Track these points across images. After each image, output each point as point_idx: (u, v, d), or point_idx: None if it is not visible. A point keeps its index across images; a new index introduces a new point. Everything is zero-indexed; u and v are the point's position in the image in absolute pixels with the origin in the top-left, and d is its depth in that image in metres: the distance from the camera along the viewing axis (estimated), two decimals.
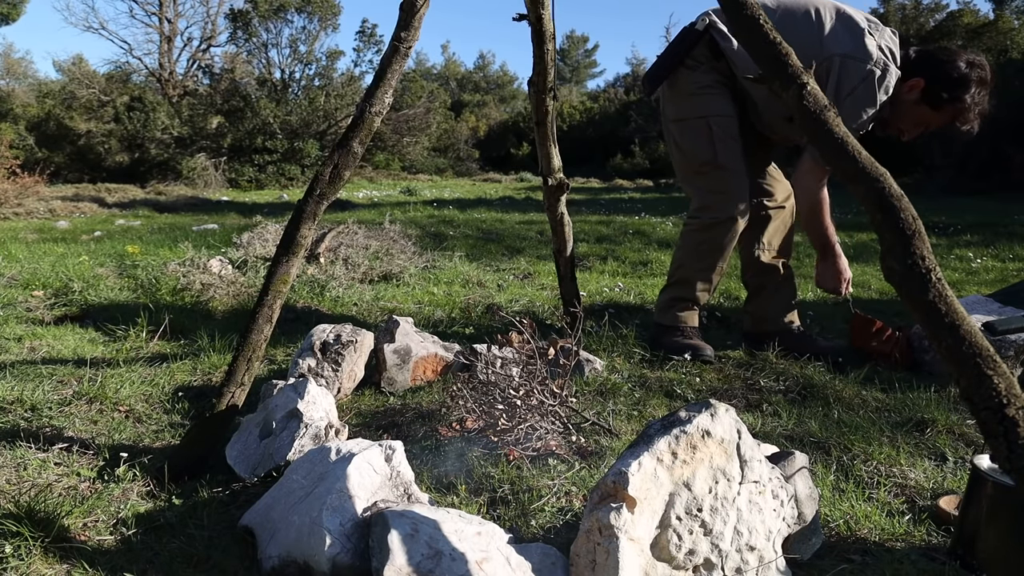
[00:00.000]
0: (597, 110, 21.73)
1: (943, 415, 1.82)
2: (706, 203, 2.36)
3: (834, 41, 2.15)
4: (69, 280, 3.33)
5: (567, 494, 1.44)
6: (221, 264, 3.65)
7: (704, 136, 2.33)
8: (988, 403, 0.90)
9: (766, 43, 1.17)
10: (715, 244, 2.35)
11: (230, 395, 1.52)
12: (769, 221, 2.47)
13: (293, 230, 1.56)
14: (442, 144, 21.24)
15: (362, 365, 2.09)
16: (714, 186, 2.34)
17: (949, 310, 0.94)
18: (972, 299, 2.55)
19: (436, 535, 1.08)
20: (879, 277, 3.77)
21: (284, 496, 1.26)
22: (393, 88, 1.60)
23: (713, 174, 2.33)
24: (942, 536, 1.30)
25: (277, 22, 16.79)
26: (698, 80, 2.35)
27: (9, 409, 1.82)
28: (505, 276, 3.98)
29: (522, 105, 27.93)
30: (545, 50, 2.13)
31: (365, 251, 4.07)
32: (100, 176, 15.48)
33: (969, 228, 5.98)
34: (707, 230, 2.35)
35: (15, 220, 7.62)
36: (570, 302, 2.56)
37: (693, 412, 1.09)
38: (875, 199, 1.03)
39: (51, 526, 1.22)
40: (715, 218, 2.33)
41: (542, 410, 1.67)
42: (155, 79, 21.22)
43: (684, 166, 2.45)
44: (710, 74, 2.35)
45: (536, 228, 6.23)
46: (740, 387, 2.12)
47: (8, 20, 15.31)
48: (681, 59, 2.36)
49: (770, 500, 1.13)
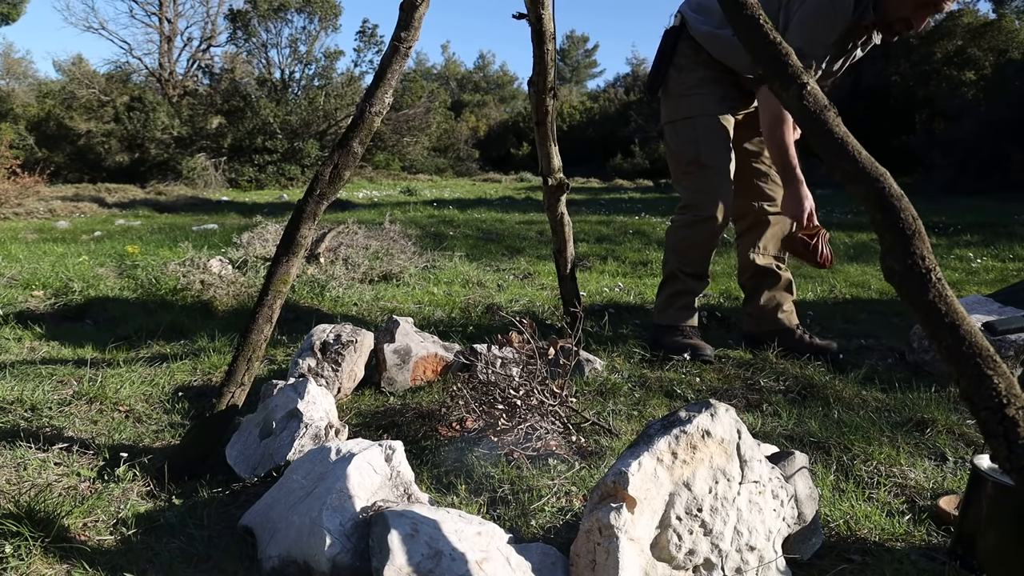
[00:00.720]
0: (597, 110, 21.73)
1: (943, 415, 1.82)
2: (691, 202, 2.40)
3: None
4: (69, 280, 3.33)
5: (567, 494, 1.44)
6: (221, 264, 3.65)
7: (689, 136, 2.38)
8: (988, 403, 0.90)
9: (766, 43, 1.17)
10: (697, 241, 2.39)
11: (230, 395, 1.52)
12: (768, 226, 2.48)
13: (293, 230, 1.56)
14: (442, 144, 21.24)
15: (362, 365, 2.09)
16: (699, 185, 2.37)
17: (949, 310, 0.94)
18: (972, 299, 2.55)
19: (436, 535, 1.08)
20: (879, 277, 3.77)
21: (284, 496, 1.26)
22: (393, 88, 1.60)
23: (698, 174, 2.37)
24: (942, 536, 1.30)
25: (277, 22, 16.79)
26: (685, 80, 2.39)
27: (9, 409, 1.82)
28: (505, 276, 3.98)
29: (522, 105, 27.93)
30: (545, 50, 2.13)
31: (365, 251, 4.07)
32: (100, 176, 15.48)
33: (969, 228, 5.98)
34: (689, 227, 2.40)
35: (15, 220, 7.62)
36: (570, 302, 2.55)
37: (693, 412, 1.09)
38: (875, 199, 1.03)
39: (51, 526, 1.22)
40: (696, 216, 2.37)
41: (542, 410, 1.67)
42: (155, 79, 21.22)
43: (673, 166, 2.50)
44: (696, 71, 2.37)
45: (536, 228, 6.23)
46: (740, 387, 2.12)
47: (8, 20, 15.30)
48: (669, 60, 2.41)
49: (770, 500, 1.13)
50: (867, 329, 2.81)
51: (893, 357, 2.45)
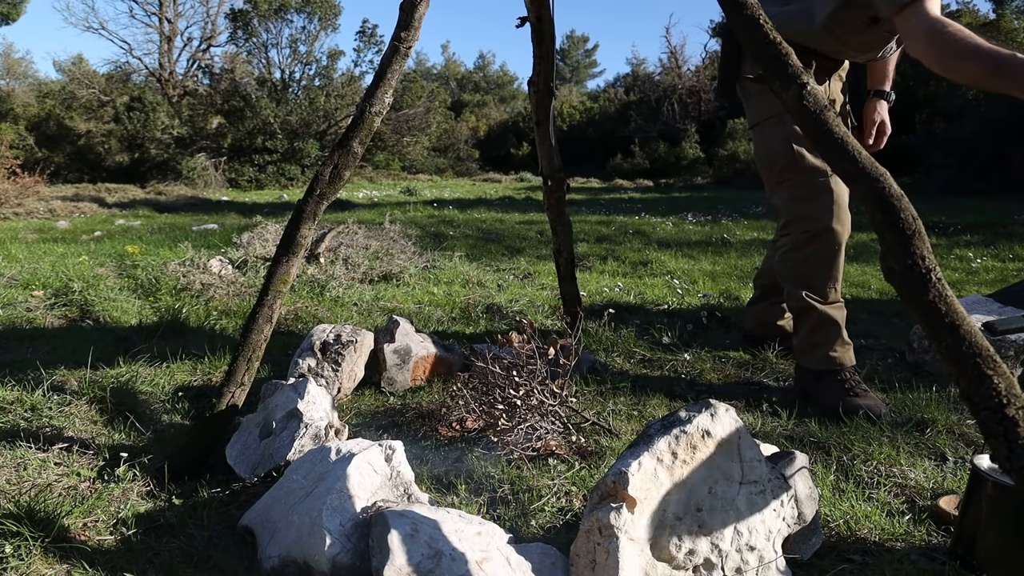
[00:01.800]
0: (597, 110, 21.71)
1: (943, 415, 1.82)
2: (794, 216, 2.02)
3: None
4: (69, 280, 3.33)
5: (567, 494, 1.44)
6: (221, 264, 3.65)
7: (779, 136, 2.00)
8: (988, 403, 0.90)
9: (766, 43, 1.17)
10: (817, 262, 1.97)
11: (230, 395, 1.52)
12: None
13: (293, 230, 1.56)
14: (442, 144, 21.23)
15: (362, 365, 2.09)
16: (799, 194, 1.99)
17: (949, 310, 0.94)
18: (972, 299, 2.55)
19: (436, 535, 1.08)
20: (879, 277, 3.77)
21: (284, 496, 1.26)
22: (393, 88, 1.60)
23: (797, 180, 1.99)
24: (942, 536, 1.30)
25: (277, 22, 16.78)
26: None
27: (9, 409, 1.82)
28: (505, 276, 3.98)
29: (522, 105, 27.92)
30: (545, 50, 2.13)
31: (365, 251, 4.07)
32: (100, 176, 15.47)
33: (969, 228, 5.98)
34: (801, 248, 2.00)
35: (15, 220, 7.62)
36: (570, 302, 2.56)
37: (693, 412, 1.09)
38: (875, 199, 1.03)
39: (51, 526, 1.22)
40: (808, 231, 1.97)
41: (542, 410, 1.67)
42: (155, 79, 21.21)
43: (766, 175, 2.10)
44: None
45: (536, 228, 6.23)
46: (740, 387, 2.12)
47: (8, 20, 15.30)
48: (739, 54, 2.11)
49: (770, 500, 1.12)
50: (867, 329, 2.81)
51: (893, 357, 2.45)
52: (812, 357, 2.01)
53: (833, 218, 1.94)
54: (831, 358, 1.97)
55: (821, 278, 1.98)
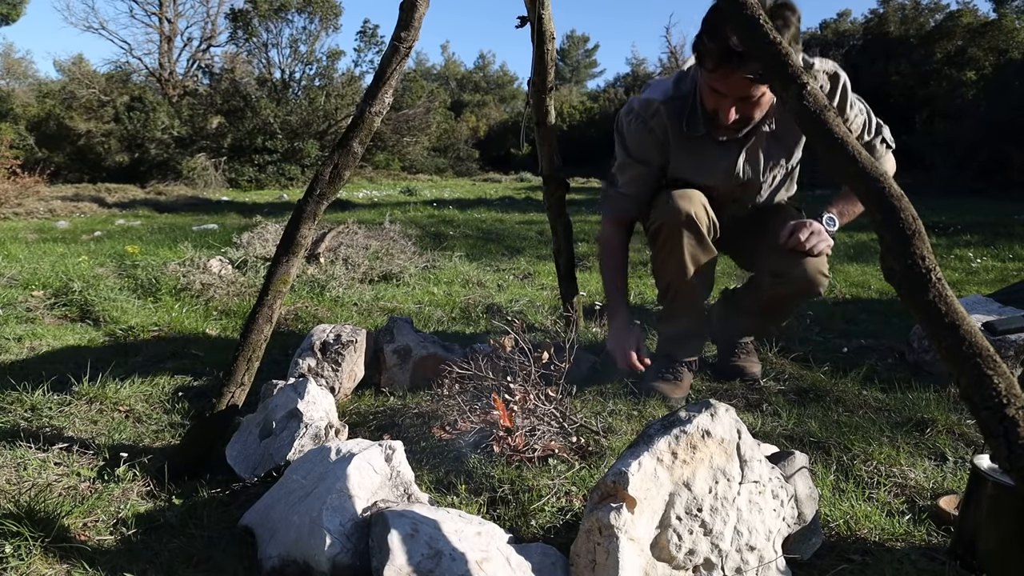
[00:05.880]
0: (597, 110, 21.72)
1: (943, 415, 1.82)
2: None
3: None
4: (69, 280, 3.33)
5: (567, 494, 1.44)
6: (221, 264, 3.65)
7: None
8: (988, 403, 0.90)
9: (766, 43, 1.17)
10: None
11: (230, 395, 1.52)
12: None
13: (293, 230, 1.56)
14: (442, 144, 21.23)
15: (362, 365, 2.09)
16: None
17: (949, 310, 0.94)
18: (972, 299, 2.55)
19: (436, 535, 1.08)
20: (879, 277, 3.77)
21: (284, 496, 1.26)
22: (393, 88, 1.60)
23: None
24: (942, 536, 1.30)
25: (277, 22, 16.78)
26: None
27: (9, 409, 1.82)
28: (505, 276, 3.98)
29: (522, 105, 27.89)
30: (545, 50, 2.13)
31: (365, 251, 4.07)
32: (100, 176, 15.47)
33: (969, 228, 5.97)
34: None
35: (15, 220, 7.62)
36: (570, 302, 2.56)
37: (693, 412, 1.09)
38: (875, 199, 1.03)
39: (51, 526, 1.22)
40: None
41: (539, 412, 1.67)
42: (155, 79, 21.21)
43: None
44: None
45: (536, 228, 6.23)
46: (740, 387, 2.12)
47: (8, 20, 15.31)
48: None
49: (770, 500, 1.13)
50: (867, 329, 2.81)
51: (893, 357, 2.44)
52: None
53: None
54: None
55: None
